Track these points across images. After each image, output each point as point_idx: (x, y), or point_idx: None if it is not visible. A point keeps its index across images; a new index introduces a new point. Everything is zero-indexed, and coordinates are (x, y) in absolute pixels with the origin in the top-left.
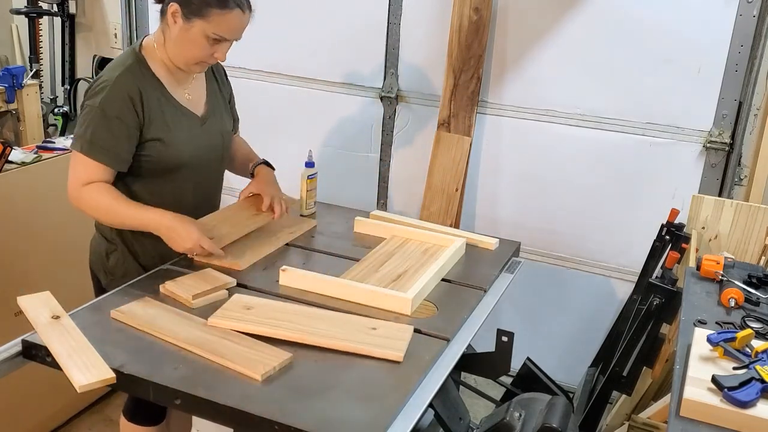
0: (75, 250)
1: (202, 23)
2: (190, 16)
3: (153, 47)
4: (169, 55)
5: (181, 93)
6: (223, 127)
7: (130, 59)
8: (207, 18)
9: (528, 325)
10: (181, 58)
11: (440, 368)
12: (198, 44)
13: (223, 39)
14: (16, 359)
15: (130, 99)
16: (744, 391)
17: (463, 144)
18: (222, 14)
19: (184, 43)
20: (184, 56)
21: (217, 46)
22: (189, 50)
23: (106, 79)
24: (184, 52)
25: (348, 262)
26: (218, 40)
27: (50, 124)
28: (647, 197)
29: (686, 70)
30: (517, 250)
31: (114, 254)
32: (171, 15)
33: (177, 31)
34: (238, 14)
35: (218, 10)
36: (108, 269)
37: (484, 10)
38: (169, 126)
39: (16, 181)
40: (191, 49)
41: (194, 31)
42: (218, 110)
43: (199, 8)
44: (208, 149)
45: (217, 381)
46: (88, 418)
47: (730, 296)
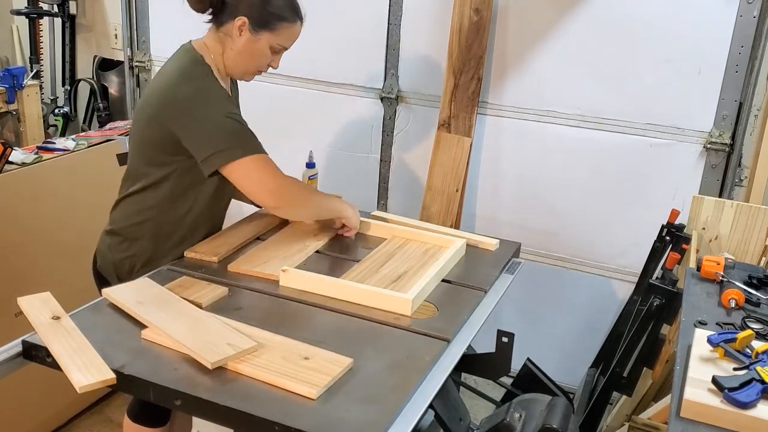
0: (75, 251)
1: (270, 35)
2: (258, 28)
3: (207, 54)
4: (227, 64)
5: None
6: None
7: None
8: (275, 31)
9: (528, 325)
10: (241, 68)
11: (440, 369)
12: (262, 55)
13: (284, 49)
14: (17, 360)
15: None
16: (744, 392)
17: (463, 144)
18: (289, 27)
19: (249, 54)
20: (246, 66)
21: (276, 56)
22: (253, 61)
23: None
24: (247, 62)
25: (348, 263)
26: (279, 50)
27: (50, 125)
28: (647, 198)
29: (686, 70)
30: (517, 250)
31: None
32: (237, 27)
33: (242, 43)
34: (299, 25)
35: (286, 23)
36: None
37: (484, 11)
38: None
39: (16, 181)
40: (255, 59)
41: (261, 43)
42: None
43: (268, 21)
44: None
45: (217, 381)
46: (88, 418)
47: (731, 297)
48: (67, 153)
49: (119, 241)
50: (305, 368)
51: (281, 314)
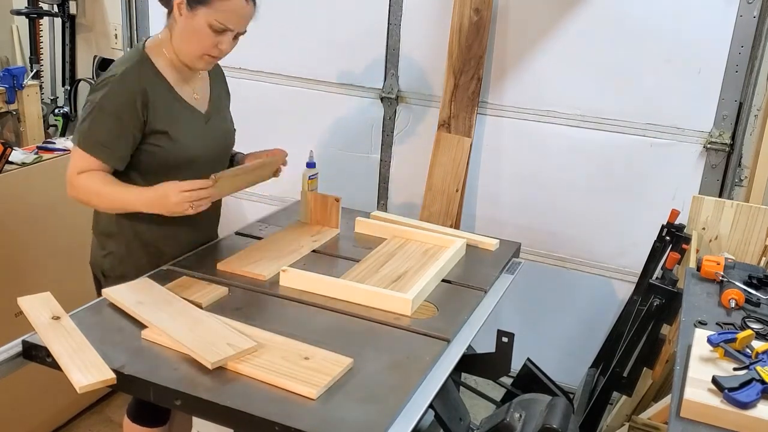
0: (75, 251)
1: (206, 10)
2: (194, 4)
3: (159, 46)
4: (175, 51)
5: (187, 91)
6: (226, 126)
7: (135, 57)
8: (210, 4)
9: (528, 325)
10: (186, 52)
11: (440, 369)
12: (203, 34)
13: (227, 29)
14: (17, 360)
15: (131, 97)
16: (744, 392)
17: (463, 145)
18: (228, 1)
19: (189, 34)
20: (190, 49)
21: (222, 37)
22: (194, 42)
23: (109, 76)
24: (189, 44)
25: (348, 263)
26: (222, 30)
27: (51, 125)
28: (647, 198)
29: (686, 70)
30: (517, 250)
31: (109, 257)
32: (176, 6)
33: (182, 22)
34: (241, 2)
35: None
36: (105, 271)
37: (484, 11)
38: (175, 122)
39: (16, 181)
40: (196, 40)
41: (198, 20)
42: (222, 110)
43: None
44: (212, 147)
45: (217, 382)
46: (88, 418)
47: (731, 297)
48: (67, 153)
49: (96, 237)
50: (305, 368)
51: (281, 314)
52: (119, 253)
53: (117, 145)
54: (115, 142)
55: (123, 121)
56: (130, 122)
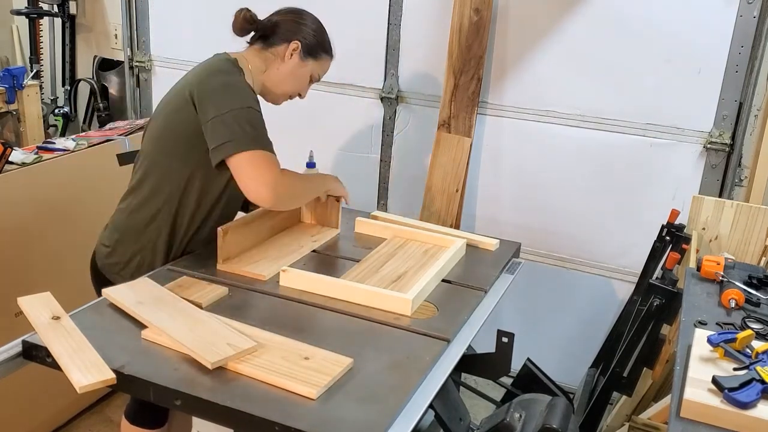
0: (75, 251)
1: (314, 64)
2: (307, 56)
3: (246, 67)
4: (267, 84)
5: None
6: None
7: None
8: (318, 61)
9: (528, 325)
10: (280, 90)
11: (440, 369)
12: (303, 81)
13: (318, 80)
14: (17, 360)
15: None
16: (744, 392)
17: (463, 145)
18: (327, 59)
19: (293, 78)
20: (286, 89)
21: (309, 85)
22: (293, 85)
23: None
24: (288, 85)
25: (348, 263)
26: (315, 80)
27: (51, 125)
28: (647, 198)
29: (686, 70)
30: (517, 250)
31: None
32: (291, 50)
33: (290, 67)
34: (331, 60)
35: (326, 55)
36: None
37: (484, 11)
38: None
39: (16, 181)
40: (297, 84)
41: (306, 70)
42: None
43: (316, 51)
44: None
45: (217, 381)
46: (88, 418)
47: (731, 297)
48: (67, 153)
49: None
50: (305, 368)
51: (281, 314)
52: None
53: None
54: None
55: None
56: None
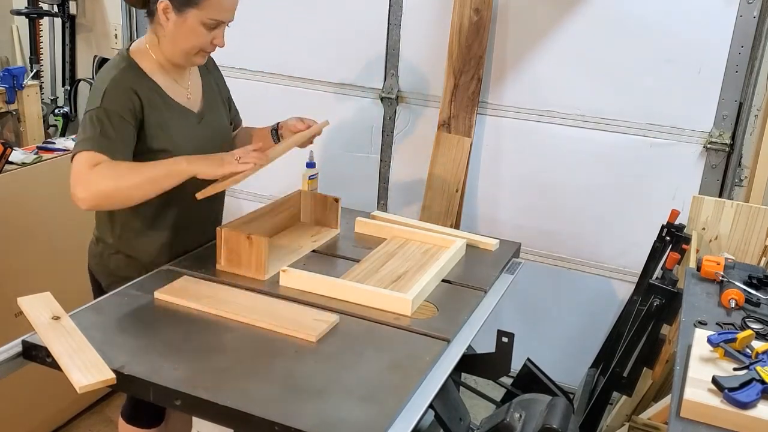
0: (75, 251)
1: (196, 11)
2: (182, 7)
3: (145, 50)
4: (165, 54)
5: (179, 92)
6: (221, 123)
7: (122, 63)
8: (199, 5)
9: (528, 325)
10: (180, 53)
11: (440, 369)
12: (196, 33)
13: (220, 23)
14: (17, 360)
15: (128, 98)
16: (744, 392)
17: (463, 145)
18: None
19: (182, 36)
20: (184, 49)
21: (215, 32)
22: (187, 42)
23: (100, 84)
24: (182, 45)
25: (348, 263)
26: (215, 26)
27: (51, 125)
28: (647, 198)
29: (686, 70)
30: (517, 250)
31: (115, 257)
32: (162, 12)
33: (171, 27)
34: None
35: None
36: (110, 271)
37: (484, 11)
38: (167, 126)
39: (16, 181)
40: (190, 40)
41: (189, 22)
42: (215, 106)
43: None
44: (206, 147)
45: (217, 381)
46: (88, 418)
47: (731, 297)
48: (67, 153)
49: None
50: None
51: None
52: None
53: (123, 144)
54: (120, 141)
55: (127, 121)
56: (131, 122)
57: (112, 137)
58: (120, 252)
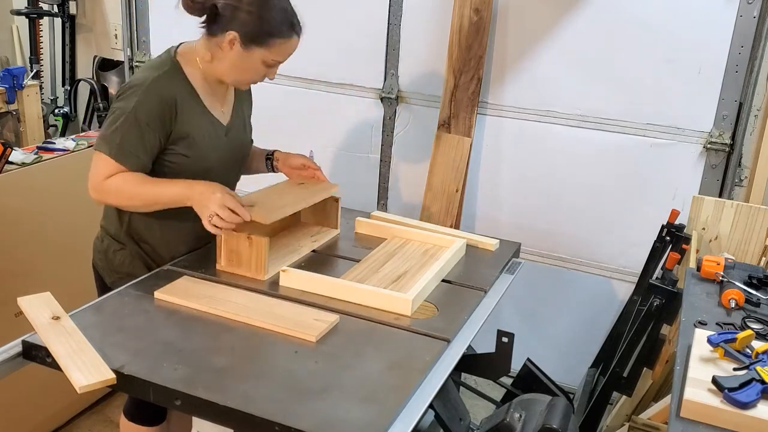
0: (75, 251)
1: (263, 51)
2: (250, 44)
3: (192, 56)
4: (216, 73)
5: (214, 102)
6: (244, 138)
7: (167, 65)
8: (268, 47)
9: (528, 326)
10: (233, 79)
11: (440, 369)
12: (256, 69)
13: (278, 63)
14: (17, 360)
15: (162, 106)
16: (744, 392)
17: (463, 145)
18: (283, 42)
19: (241, 68)
20: (238, 78)
21: (271, 69)
22: (245, 74)
23: (139, 82)
24: (238, 75)
25: (348, 263)
26: (274, 64)
27: (50, 125)
28: (647, 198)
29: (686, 70)
30: (517, 251)
31: (121, 252)
32: (228, 42)
33: (234, 57)
34: (296, 40)
35: (280, 39)
36: (114, 267)
37: (484, 11)
38: (198, 132)
39: (16, 181)
40: (248, 73)
41: (253, 58)
42: (240, 122)
43: (261, 38)
44: (229, 158)
45: (217, 381)
46: (88, 418)
47: (731, 297)
48: (67, 153)
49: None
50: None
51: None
52: (130, 249)
53: (145, 153)
54: (142, 150)
55: (153, 130)
56: (159, 131)
57: (133, 146)
58: (125, 247)
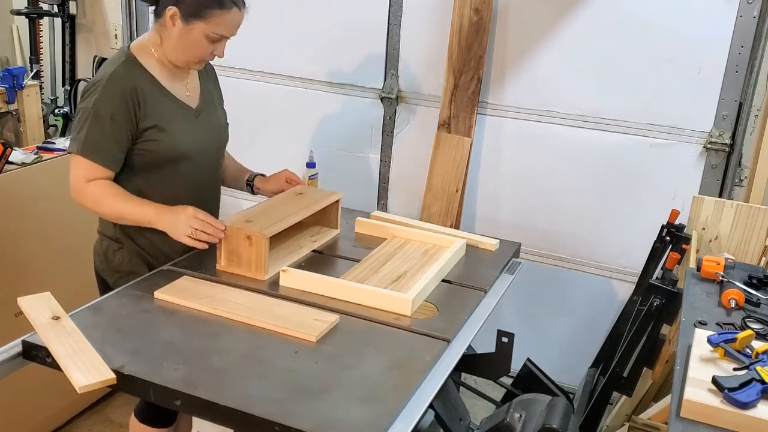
0: (75, 251)
1: (202, 24)
2: (190, 18)
3: (147, 47)
4: (167, 55)
5: (178, 88)
6: (218, 121)
7: (121, 58)
8: (207, 19)
9: (528, 326)
10: (181, 58)
11: (441, 369)
12: (199, 44)
13: (223, 37)
14: (17, 360)
15: (123, 97)
16: (744, 392)
17: (463, 145)
18: (222, 14)
19: (185, 44)
20: (185, 56)
21: (216, 44)
22: (190, 50)
23: (97, 80)
24: (184, 52)
25: (348, 263)
26: (217, 39)
27: (51, 125)
28: (647, 198)
29: (686, 70)
30: (517, 251)
31: (119, 252)
32: (169, 18)
33: (176, 33)
34: (236, 12)
35: (218, 11)
36: (114, 267)
37: (484, 11)
38: (166, 118)
39: (16, 181)
40: (192, 49)
41: (194, 33)
42: (212, 104)
43: (198, 10)
44: (204, 141)
45: (217, 381)
46: (88, 418)
47: (731, 297)
48: (67, 153)
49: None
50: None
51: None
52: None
53: (114, 147)
54: (112, 145)
55: (118, 123)
56: (125, 123)
57: (101, 142)
58: (123, 246)
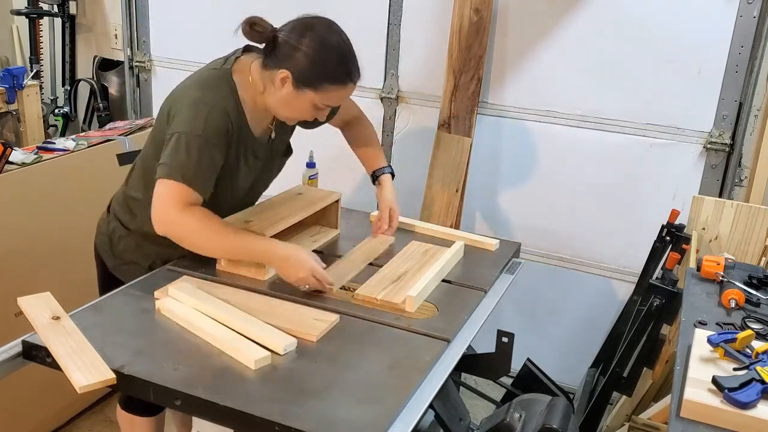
0: (75, 251)
1: (313, 94)
2: (301, 85)
3: (247, 82)
4: (267, 105)
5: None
6: (281, 162)
7: (223, 87)
8: (321, 91)
9: (528, 325)
10: (281, 114)
11: (440, 369)
12: (305, 110)
13: (329, 107)
14: (17, 360)
15: (225, 125)
16: (744, 392)
17: (463, 145)
18: (336, 89)
19: (291, 106)
20: (285, 114)
21: (321, 112)
22: (294, 113)
23: (200, 101)
24: (287, 111)
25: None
26: (323, 108)
27: (51, 125)
28: (647, 198)
29: (686, 70)
30: (517, 251)
31: (126, 239)
32: (279, 79)
33: (284, 94)
34: (351, 88)
35: (335, 86)
36: (117, 253)
37: (484, 11)
38: (238, 158)
39: (16, 181)
40: (297, 112)
41: (303, 100)
42: (281, 145)
43: (312, 82)
44: (261, 180)
45: (217, 381)
46: (88, 418)
47: (731, 297)
48: (67, 153)
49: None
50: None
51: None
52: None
53: (213, 174)
54: (211, 172)
55: (218, 150)
56: (222, 150)
57: (205, 170)
58: (131, 234)
